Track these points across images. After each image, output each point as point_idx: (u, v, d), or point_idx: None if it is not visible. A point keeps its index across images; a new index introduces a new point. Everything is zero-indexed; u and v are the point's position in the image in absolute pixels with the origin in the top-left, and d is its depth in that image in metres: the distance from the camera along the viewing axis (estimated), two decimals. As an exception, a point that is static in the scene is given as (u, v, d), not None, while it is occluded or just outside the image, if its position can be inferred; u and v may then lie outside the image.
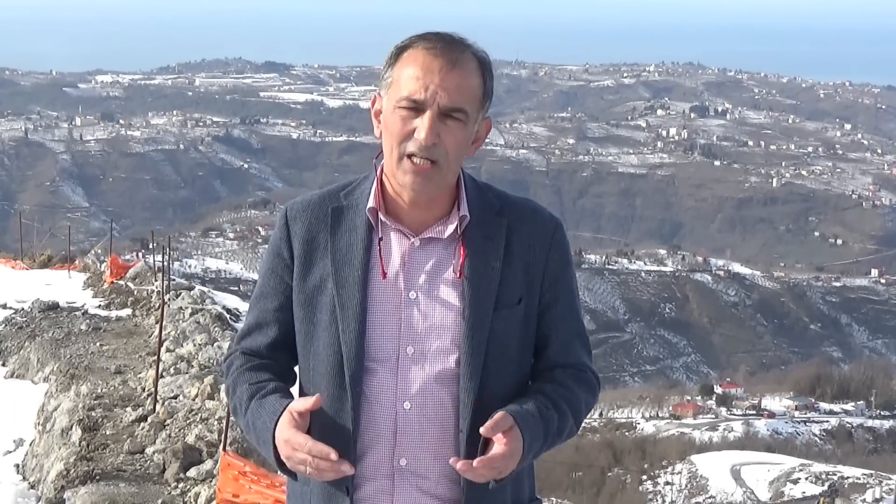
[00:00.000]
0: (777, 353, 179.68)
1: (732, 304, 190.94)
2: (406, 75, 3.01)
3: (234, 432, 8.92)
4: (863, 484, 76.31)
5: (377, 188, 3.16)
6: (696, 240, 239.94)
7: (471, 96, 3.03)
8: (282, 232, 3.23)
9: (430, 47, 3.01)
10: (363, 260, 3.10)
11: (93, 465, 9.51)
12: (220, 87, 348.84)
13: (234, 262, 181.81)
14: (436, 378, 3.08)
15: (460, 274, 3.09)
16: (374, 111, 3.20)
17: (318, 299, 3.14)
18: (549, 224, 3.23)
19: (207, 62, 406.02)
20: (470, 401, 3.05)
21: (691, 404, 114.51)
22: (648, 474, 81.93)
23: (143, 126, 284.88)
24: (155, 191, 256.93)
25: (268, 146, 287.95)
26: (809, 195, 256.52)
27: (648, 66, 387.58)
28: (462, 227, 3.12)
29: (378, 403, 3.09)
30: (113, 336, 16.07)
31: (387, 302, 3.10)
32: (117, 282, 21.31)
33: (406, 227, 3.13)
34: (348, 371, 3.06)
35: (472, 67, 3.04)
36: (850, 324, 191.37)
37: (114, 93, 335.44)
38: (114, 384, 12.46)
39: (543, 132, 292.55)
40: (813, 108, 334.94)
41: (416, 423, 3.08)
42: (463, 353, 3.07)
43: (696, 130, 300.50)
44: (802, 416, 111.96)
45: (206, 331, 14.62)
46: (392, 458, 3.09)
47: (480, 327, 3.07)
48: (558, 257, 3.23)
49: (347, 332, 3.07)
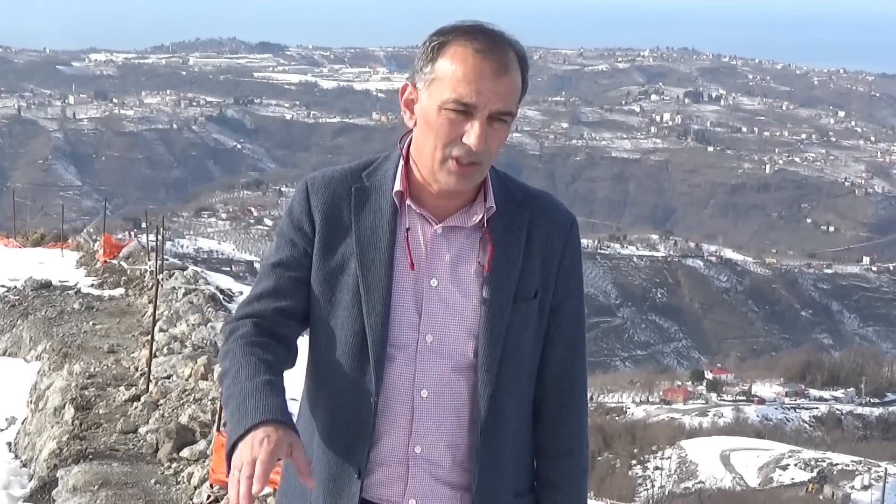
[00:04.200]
0: (768, 340, 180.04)
1: (724, 289, 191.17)
2: (454, 76, 2.92)
3: (228, 413, 8.91)
4: (852, 471, 76.55)
5: (403, 171, 3.11)
6: (688, 225, 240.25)
7: (516, 97, 3.00)
8: (303, 205, 3.17)
9: (480, 49, 2.92)
10: (388, 243, 3.07)
11: (85, 444, 9.49)
12: (214, 67, 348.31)
13: (227, 242, 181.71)
14: (453, 367, 3.08)
15: (488, 267, 3.07)
16: (406, 100, 3.08)
17: (339, 278, 3.10)
18: (566, 220, 3.22)
19: (202, 42, 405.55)
20: (487, 392, 3.06)
21: (682, 389, 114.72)
22: (638, 459, 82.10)
23: (137, 105, 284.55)
24: (148, 170, 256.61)
25: (261, 127, 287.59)
26: (802, 182, 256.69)
27: (643, 51, 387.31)
28: (487, 218, 3.10)
29: (395, 390, 3.07)
30: (106, 315, 16.02)
31: (409, 288, 3.08)
32: (110, 261, 21.25)
33: (429, 213, 3.10)
34: (373, 356, 3.04)
35: (516, 67, 2.98)
36: (841, 311, 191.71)
37: (107, 71, 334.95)
38: (107, 363, 12.43)
39: (537, 116, 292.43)
40: (807, 95, 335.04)
41: (433, 411, 3.08)
42: (481, 345, 3.05)
43: (689, 116, 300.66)
44: (792, 403, 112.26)
45: (200, 311, 14.58)
46: (407, 445, 3.08)
47: (499, 319, 3.06)
48: (572, 253, 3.22)
49: (373, 316, 3.04)
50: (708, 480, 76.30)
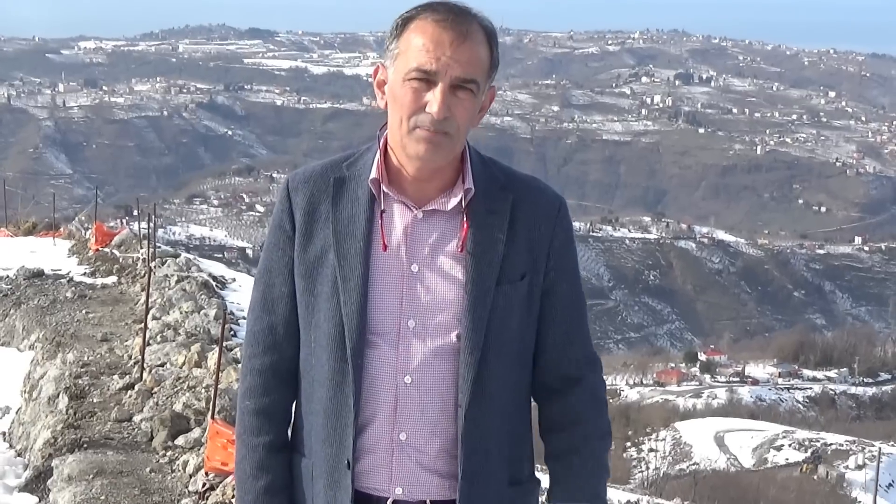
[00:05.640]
0: (761, 321, 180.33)
1: (716, 271, 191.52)
2: (415, 46, 2.95)
3: (223, 400, 8.88)
4: (846, 451, 76.69)
5: (380, 159, 3.11)
6: (680, 207, 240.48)
7: (481, 67, 2.98)
8: (283, 204, 3.18)
9: (439, 19, 2.95)
10: (365, 231, 3.07)
11: (80, 433, 9.46)
12: (204, 53, 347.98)
13: (219, 229, 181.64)
14: (436, 352, 3.05)
15: (461, 248, 3.06)
16: (378, 81, 3.11)
17: (319, 271, 3.11)
18: (553, 202, 3.19)
19: (191, 28, 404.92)
20: (470, 376, 3.03)
21: (675, 371, 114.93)
22: (633, 441, 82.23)
23: (127, 93, 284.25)
24: (139, 158, 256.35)
25: (252, 113, 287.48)
26: (793, 163, 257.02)
27: (633, 34, 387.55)
28: (466, 201, 3.09)
29: (379, 377, 3.06)
30: (99, 303, 15.97)
31: (389, 275, 3.07)
32: (102, 249, 21.18)
33: (409, 199, 3.09)
34: (349, 343, 3.03)
35: (480, 38, 2.98)
36: (833, 291, 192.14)
37: (97, 59, 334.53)
38: (100, 352, 12.39)
39: (528, 99, 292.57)
40: (797, 76, 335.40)
41: (417, 397, 3.06)
42: (464, 328, 3.04)
43: (680, 98, 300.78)
44: (786, 384, 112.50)
45: (193, 298, 14.54)
46: (392, 432, 3.07)
47: (482, 302, 3.04)
48: (563, 235, 3.19)
49: (349, 305, 3.04)
50: (702, 462, 76.34)
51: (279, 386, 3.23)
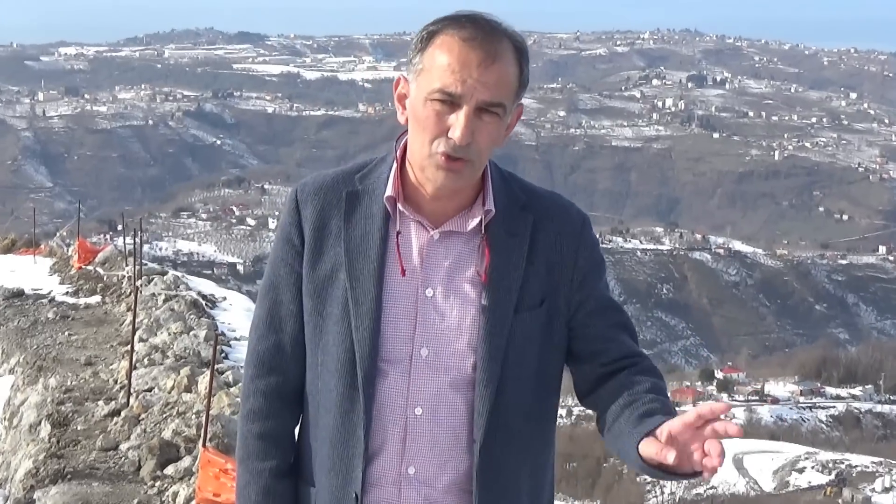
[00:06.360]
0: (780, 336, 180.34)
1: (733, 283, 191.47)
2: (440, 65, 2.89)
3: (214, 427, 8.87)
4: (872, 472, 76.63)
5: (396, 174, 3.06)
6: (694, 216, 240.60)
7: (508, 89, 2.94)
8: (292, 216, 3.13)
9: (467, 37, 2.89)
10: (379, 252, 3.02)
11: (63, 462, 9.46)
12: (191, 59, 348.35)
13: (208, 243, 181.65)
14: (450, 383, 3.02)
15: (485, 276, 3.01)
16: (398, 95, 3.05)
17: (329, 291, 3.06)
18: (576, 221, 3.14)
19: (177, 33, 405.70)
20: (485, 410, 2.99)
21: (691, 390, 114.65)
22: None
23: (110, 101, 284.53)
24: (123, 169, 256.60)
25: (241, 121, 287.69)
26: (813, 168, 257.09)
27: (643, 34, 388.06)
28: (486, 222, 3.04)
29: (388, 407, 3.02)
30: (82, 325, 15.98)
31: (402, 299, 3.03)
32: (86, 267, 21.18)
33: (425, 219, 3.04)
34: (361, 372, 2.99)
35: (510, 58, 2.94)
36: (857, 304, 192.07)
37: (78, 66, 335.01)
38: (84, 376, 12.40)
39: (532, 104, 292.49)
40: (816, 77, 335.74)
41: (428, 429, 3.02)
42: (480, 358, 2.99)
43: (693, 101, 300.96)
44: (808, 402, 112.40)
45: (182, 318, 14.54)
46: (400, 465, 3.04)
47: (499, 330, 2.99)
48: (588, 255, 3.13)
49: (361, 330, 3.00)
50: (720, 485, 76.34)
51: (284, 409, 3.20)
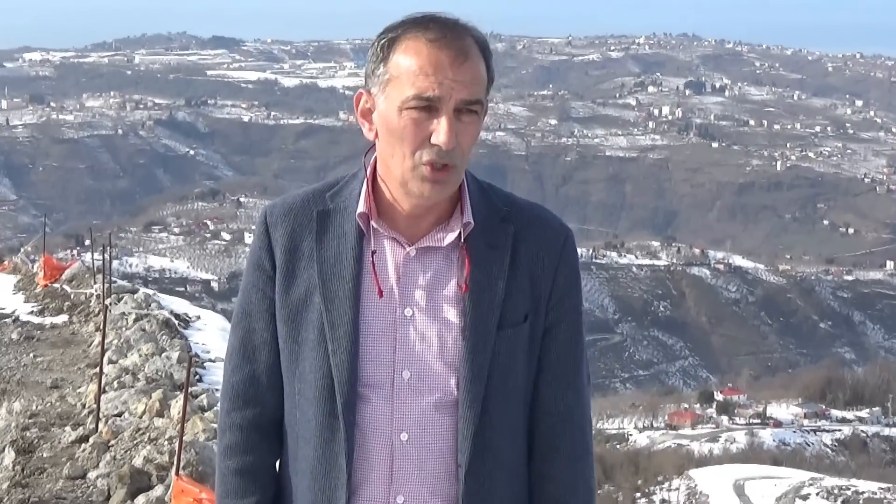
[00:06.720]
0: (783, 356, 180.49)
1: (733, 301, 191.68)
2: (409, 71, 2.88)
3: (188, 454, 8.84)
4: (879, 499, 76.61)
5: (367, 190, 3.05)
6: (692, 230, 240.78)
7: (483, 86, 2.95)
8: (262, 240, 3.13)
9: (433, 38, 2.88)
10: (354, 272, 3.01)
11: (28, 492, 9.42)
12: (163, 64, 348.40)
13: (180, 259, 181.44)
14: (435, 406, 3.01)
15: (465, 288, 3.00)
16: (362, 111, 3.03)
17: (303, 315, 3.06)
18: (559, 234, 3.13)
19: (148, 37, 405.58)
20: (469, 432, 3.00)
21: (689, 413, 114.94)
22: (643, 491, 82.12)
23: (77, 109, 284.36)
24: (91, 181, 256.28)
25: (216, 130, 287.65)
26: (817, 179, 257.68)
27: (638, 38, 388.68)
28: (465, 235, 3.03)
29: (372, 434, 3.02)
30: (48, 346, 15.95)
31: (380, 320, 3.03)
32: (52, 284, 21.18)
33: (400, 235, 3.03)
34: (340, 398, 2.99)
35: (477, 54, 2.93)
36: (863, 322, 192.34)
37: (43, 72, 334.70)
38: (50, 400, 12.37)
39: (522, 112, 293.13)
40: (820, 83, 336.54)
41: (415, 455, 3.02)
42: (462, 378, 2.99)
43: (691, 109, 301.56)
44: (812, 425, 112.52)
45: (153, 339, 14.52)
46: (388, 495, 3.03)
47: (482, 349, 2.99)
48: (567, 272, 3.13)
49: (338, 354, 2.99)
50: (721, 513, 76.36)
51: (263, 442, 3.20)
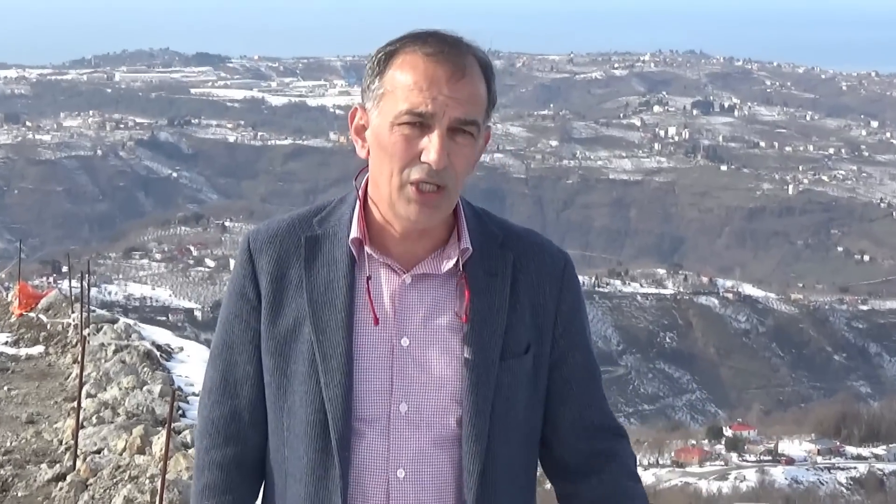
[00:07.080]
0: (796, 389, 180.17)
1: (743, 331, 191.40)
2: (404, 85, 2.89)
3: (171, 493, 8.85)
4: (897, 540, 76.65)
5: (360, 214, 3.05)
6: (700, 257, 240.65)
7: (481, 106, 2.95)
8: (245, 267, 3.11)
9: (431, 52, 2.90)
10: (346, 300, 3.00)
11: (2, 533, 9.44)
12: (144, 82, 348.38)
13: (162, 287, 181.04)
14: (433, 441, 3.01)
15: (465, 318, 3.00)
16: (356, 127, 3.05)
17: (292, 347, 3.04)
18: (558, 260, 3.16)
19: (129, 54, 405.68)
20: (476, 469, 2.99)
21: (697, 449, 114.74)
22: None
23: (54, 129, 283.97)
24: (68, 204, 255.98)
25: (200, 151, 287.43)
26: (831, 204, 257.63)
27: (643, 56, 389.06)
28: (462, 262, 3.04)
29: (368, 471, 3.00)
30: (23, 378, 15.94)
31: (375, 351, 3.01)
32: (27, 313, 21.18)
33: (395, 261, 3.03)
34: (335, 434, 2.97)
35: (477, 72, 2.95)
36: (880, 353, 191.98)
37: (19, 90, 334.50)
38: (25, 436, 12.36)
39: (522, 133, 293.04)
40: (834, 103, 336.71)
41: (412, 493, 3.01)
42: (466, 412, 2.99)
43: (698, 129, 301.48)
44: (826, 462, 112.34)
45: (134, 371, 14.52)
46: None
47: (485, 380, 3.00)
48: (571, 298, 3.17)
49: (332, 387, 2.97)
50: (731, 555, 76.29)
51: (244, 482, 3.19)
